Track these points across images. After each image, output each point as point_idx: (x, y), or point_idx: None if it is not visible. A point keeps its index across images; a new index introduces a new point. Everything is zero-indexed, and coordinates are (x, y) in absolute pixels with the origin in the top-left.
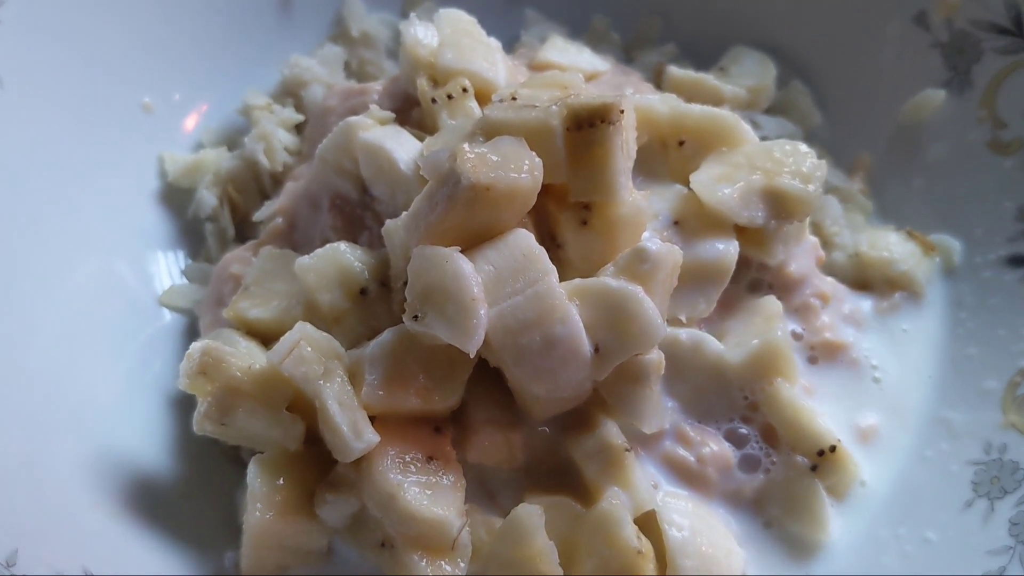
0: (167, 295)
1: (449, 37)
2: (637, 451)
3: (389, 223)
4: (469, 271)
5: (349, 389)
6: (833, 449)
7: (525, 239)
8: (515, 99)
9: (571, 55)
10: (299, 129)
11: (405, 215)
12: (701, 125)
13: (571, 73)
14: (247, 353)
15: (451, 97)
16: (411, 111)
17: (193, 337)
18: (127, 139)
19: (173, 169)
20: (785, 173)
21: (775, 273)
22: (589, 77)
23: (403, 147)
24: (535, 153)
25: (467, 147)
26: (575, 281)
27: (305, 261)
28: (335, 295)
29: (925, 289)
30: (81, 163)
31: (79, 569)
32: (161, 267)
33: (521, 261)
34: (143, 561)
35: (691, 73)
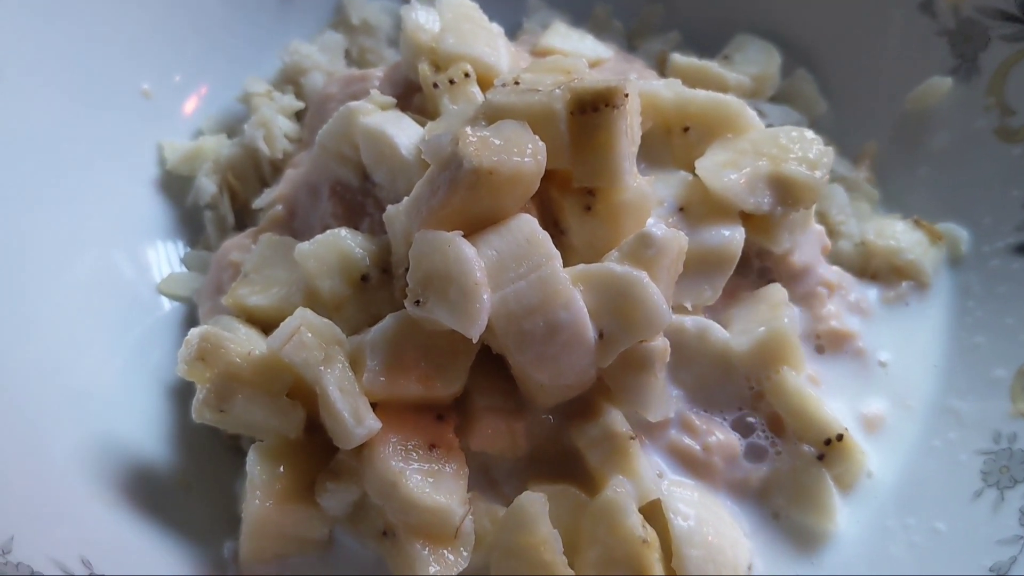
0: (166, 283)
1: (451, 22)
2: (642, 439)
3: (390, 209)
4: (472, 255)
5: (350, 375)
6: (840, 438)
7: (528, 224)
8: (518, 84)
9: (574, 41)
10: (299, 116)
11: (406, 200)
12: (706, 111)
13: (574, 58)
14: (247, 340)
15: (453, 82)
16: (412, 97)
17: (192, 325)
18: (126, 126)
19: (172, 156)
20: (792, 159)
21: (780, 261)
22: (592, 64)
23: (404, 132)
24: (538, 137)
25: (470, 131)
26: (579, 266)
27: (306, 247)
28: (336, 282)
29: (932, 278)
30: (80, 150)
31: (76, 557)
32: (160, 255)
33: (524, 246)
34: (141, 550)
35: (695, 61)
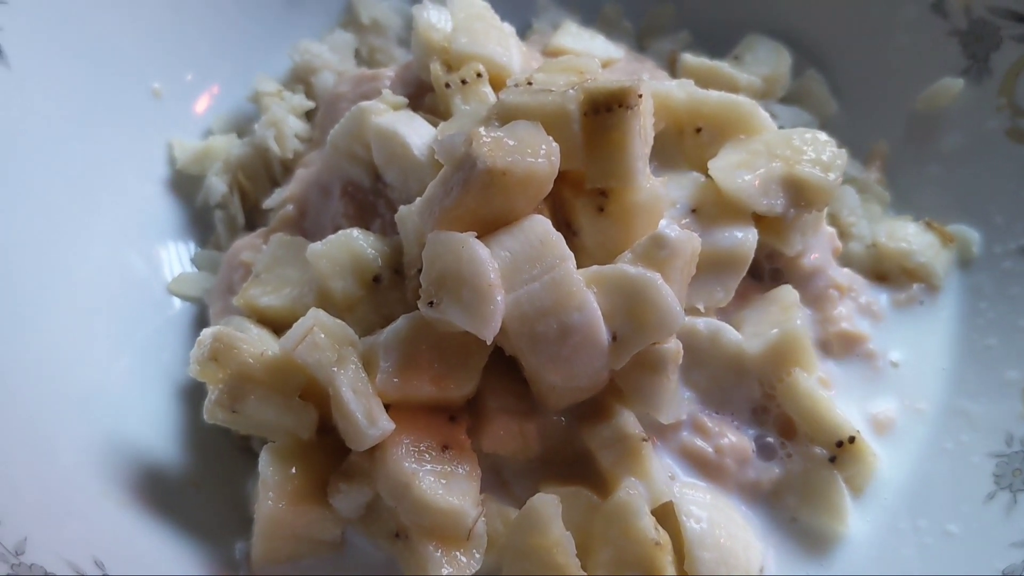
0: (176, 283)
1: (463, 22)
2: (654, 441)
3: (403, 209)
4: (486, 256)
5: (363, 376)
6: (852, 440)
7: (542, 225)
8: (531, 84)
9: (585, 41)
10: (310, 116)
11: (419, 201)
12: (719, 112)
13: (587, 58)
14: (259, 340)
15: (465, 82)
16: (423, 97)
17: (203, 326)
18: (136, 125)
19: (182, 156)
20: (805, 161)
21: (791, 263)
22: (603, 64)
23: (416, 132)
24: (552, 138)
25: (483, 131)
26: (592, 268)
27: (318, 248)
28: (348, 282)
29: (943, 281)
30: (90, 150)
31: (88, 558)
32: (170, 255)
33: (538, 247)
34: (153, 550)
35: (706, 61)
